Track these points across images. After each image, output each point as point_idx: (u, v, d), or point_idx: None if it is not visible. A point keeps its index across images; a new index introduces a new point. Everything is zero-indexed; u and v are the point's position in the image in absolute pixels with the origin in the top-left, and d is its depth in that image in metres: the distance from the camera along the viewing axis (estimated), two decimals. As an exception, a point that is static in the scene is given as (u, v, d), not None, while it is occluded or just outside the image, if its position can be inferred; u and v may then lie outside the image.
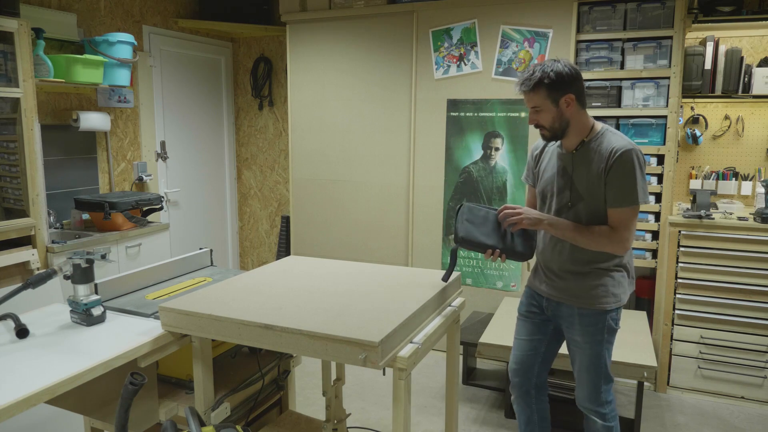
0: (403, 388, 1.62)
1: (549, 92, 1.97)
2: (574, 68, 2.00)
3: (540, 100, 2.00)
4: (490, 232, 2.08)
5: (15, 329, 1.72)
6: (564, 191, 2.09)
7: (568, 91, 1.98)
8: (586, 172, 2.03)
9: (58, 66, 3.22)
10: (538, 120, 2.05)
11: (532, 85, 1.98)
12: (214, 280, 2.33)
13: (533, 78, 1.97)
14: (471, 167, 3.72)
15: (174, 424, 1.40)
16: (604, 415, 2.18)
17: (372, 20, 3.87)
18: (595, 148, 2.02)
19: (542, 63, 2.00)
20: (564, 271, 2.12)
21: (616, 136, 2.03)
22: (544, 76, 1.96)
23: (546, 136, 2.09)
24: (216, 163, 4.95)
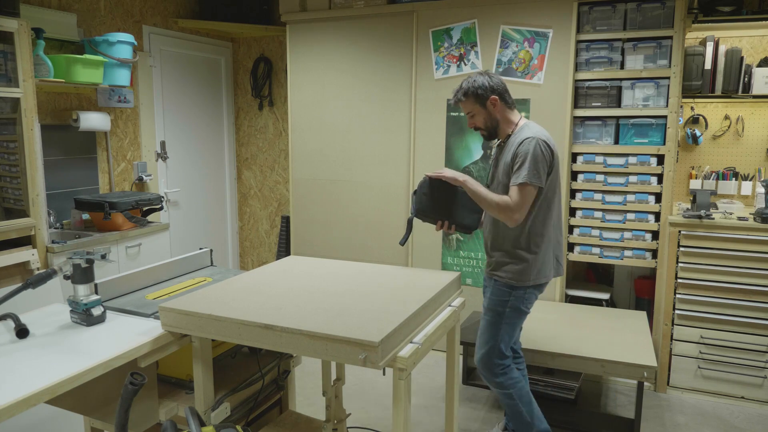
0: (403, 388, 1.63)
1: (476, 98, 2.41)
2: (494, 76, 2.45)
3: (471, 106, 2.44)
4: (443, 207, 2.39)
5: (15, 329, 1.72)
6: (493, 180, 2.51)
7: (491, 94, 2.41)
8: (503, 160, 2.41)
9: (58, 66, 3.22)
10: (475, 123, 2.48)
11: (462, 96, 2.44)
12: (214, 280, 2.33)
13: (462, 89, 2.44)
14: (471, 167, 3.72)
15: (174, 424, 1.40)
16: (499, 383, 2.50)
17: (372, 20, 3.87)
18: (513, 141, 2.40)
19: (468, 76, 2.47)
20: (492, 249, 2.51)
21: (529, 128, 2.40)
22: (469, 86, 2.42)
23: (484, 135, 2.51)
24: (216, 163, 4.95)
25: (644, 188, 3.36)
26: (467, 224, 2.43)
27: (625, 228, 3.42)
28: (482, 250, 3.74)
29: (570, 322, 3.20)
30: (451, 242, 3.83)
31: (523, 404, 2.52)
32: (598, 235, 3.48)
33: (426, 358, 3.43)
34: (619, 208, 3.43)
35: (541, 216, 2.40)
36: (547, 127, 3.46)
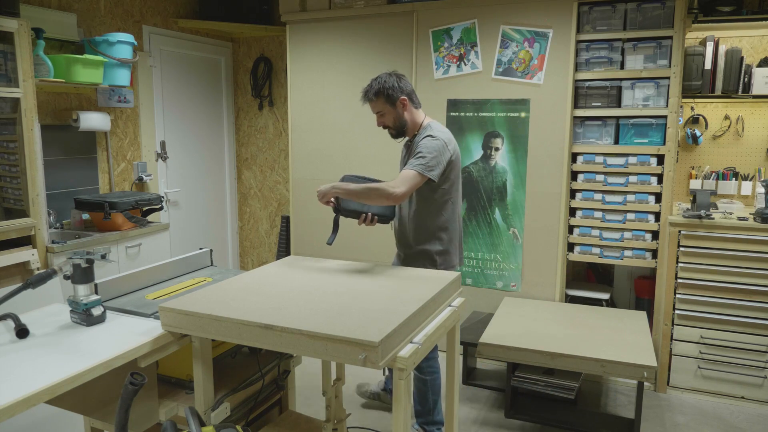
0: (403, 388, 1.62)
1: (387, 98, 2.50)
2: (402, 77, 2.55)
3: (381, 106, 2.53)
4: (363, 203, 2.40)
5: (15, 329, 1.71)
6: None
7: (400, 95, 2.52)
8: (408, 159, 2.52)
9: (58, 66, 3.22)
10: (384, 122, 2.58)
11: (373, 96, 2.52)
12: (214, 280, 2.33)
13: (373, 89, 2.51)
14: (471, 167, 3.72)
15: (174, 424, 1.40)
16: (420, 367, 2.63)
17: (372, 20, 3.87)
18: (417, 139, 2.54)
19: (377, 78, 2.53)
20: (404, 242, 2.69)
21: (432, 128, 2.55)
22: (380, 86, 2.50)
23: (393, 134, 2.62)
24: (216, 163, 4.95)
25: (644, 188, 3.36)
26: (383, 214, 2.46)
27: (625, 228, 3.42)
28: (482, 250, 3.74)
29: (570, 322, 3.20)
30: (451, 242, 3.83)
31: (433, 393, 2.73)
32: (598, 235, 3.48)
33: (426, 358, 3.42)
34: (619, 208, 3.43)
35: (449, 211, 2.63)
36: (547, 127, 3.49)
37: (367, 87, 2.55)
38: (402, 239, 2.73)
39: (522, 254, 3.65)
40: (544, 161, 3.52)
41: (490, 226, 3.71)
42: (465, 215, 3.76)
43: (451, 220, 2.66)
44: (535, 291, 3.64)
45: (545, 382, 3.00)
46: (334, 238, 2.41)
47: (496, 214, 3.68)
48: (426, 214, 2.62)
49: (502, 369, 3.56)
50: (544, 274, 3.60)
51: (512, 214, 3.64)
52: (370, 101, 2.55)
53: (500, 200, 3.66)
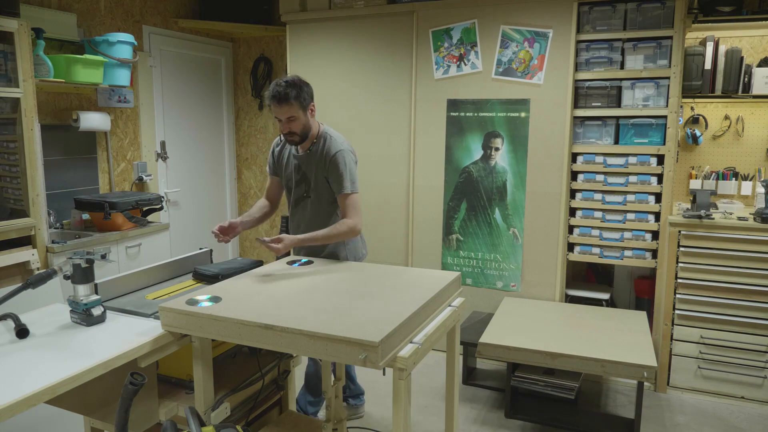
0: (403, 388, 1.62)
1: (300, 103, 2.41)
2: (306, 81, 2.47)
3: (295, 111, 2.42)
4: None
5: (15, 329, 1.71)
6: (300, 184, 2.61)
7: (310, 101, 2.47)
8: (315, 169, 2.54)
9: (58, 66, 3.22)
10: (291, 128, 2.46)
11: (292, 98, 2.38)
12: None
13: (290, 94, 2.38)
14: (471, 167, 3.72)
15: (174, 424, 1.40)
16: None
17: (372, 20, 3.87)
18: (319, 150, 2.53)
19: (286, 80, 2.40)
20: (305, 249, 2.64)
21: (333, 139, 2.54)
22: (300, 92, 2.40)
23: (296, 140, 2.51)
24: (216, 163, 4.95)
25: (644, 188, 3.36)
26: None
27: (625, 228, 3.42)
28: (482, 250, 3.74)
29: (570, 322, 3.20)
30: (451, 242, 3.83)
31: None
32: (598, 235, 3.48)
33: (426, 358, 3.42)
34: (619, 208, 3.43)
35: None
36: (547, 127, 3.49)
37: (281, 90, 2.38)
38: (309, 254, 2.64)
39: (522, 254, 3.65)
40: (544, 161, 3.52)
41: (490, 226, 3.71)
42: (465, 215, 3.76)
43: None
44: (535, 291, 3.64)
45: (545, 382, 3.00)
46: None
47: (496, 214, 3.68)
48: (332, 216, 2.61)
49: (502, 369, 3.56)
50: (544, 274, 3.60)
51: (512, 214, 3.64)
52: (285, 104, 2.39)
53: (500, 200, 3.66)
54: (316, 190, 2.58)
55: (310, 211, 2.63)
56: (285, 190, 2.73)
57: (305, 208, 2.64)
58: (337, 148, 2.51)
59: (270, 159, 2.75)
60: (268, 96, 2.43)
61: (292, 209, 2.70)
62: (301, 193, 2.63)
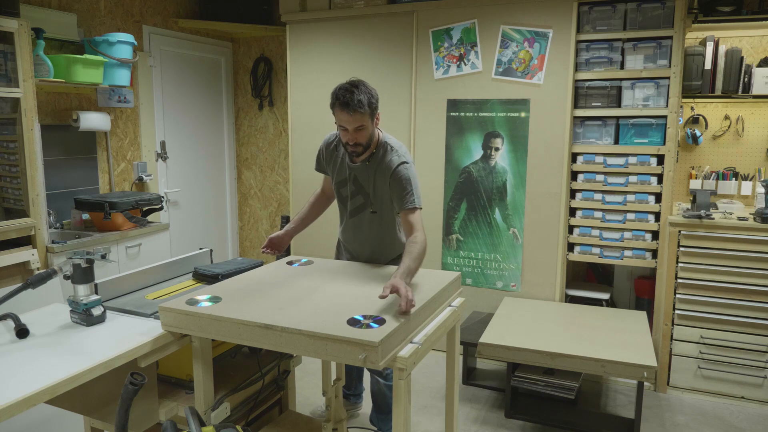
0: (403, 388, 1.63)
1: (371, 113, 2.23)
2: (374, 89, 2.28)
3: (365, 120, 2.22)
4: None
5: (15, 329, 1.71)
6: (357, 196, 2.43)
7: (377, 110, 2.28)
8: (374, 181, 2.36)
9: (58, 66, 3.22)
10: (358, 138, 2.25)
11: (366, 107, 2.18)
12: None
13: (363, 101, 2.17)
14: (471, 167, 3.72)
15: (174, 424, 1.40)
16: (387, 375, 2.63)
17: (372, 20, 3.87)
18: (380, 160, 2.34)
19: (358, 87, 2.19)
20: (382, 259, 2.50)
21: (395, 150, 2.35)
22: (371, 98, 2.21)
23: (359, 152, 2.31)
24: (216, 163, 4.95)
25: (644, 188, 3.36)
26: None
27: (625, 228, 3.42)
28: (482, 250, 3.74)
29: (570, 322, 3.20)
30: (451, 242, 3.83)
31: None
32: (598, 235, 3.48)
33: (426, 358, 3.42)
34: (619, 208, 3.43)
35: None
36: (547, 127, 3.49)
37: (355, 97, 2.17)
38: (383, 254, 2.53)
39: (522, 254, 3.65)
40: (544, 161, 3.52)
41: (490, 226, 3.71)
42: (465, 215, 3.76)
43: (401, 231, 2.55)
44: (535, 291, 3.64)
45: (545, 382, 3.00)
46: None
47: (496, 214, 3.68)
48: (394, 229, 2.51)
49: (502, 369, 3.56)
50: (544, 274, 3.60)
51: (512, 214, 3.64)
52: (356, 113, 2.18)
53: (500, 200, 3.66)
54: (378, 204, 2.42)
55: (371, 226, 2.47)
56: (336, 195, 2.58)
57: (365, 221, 2.47)
58: (400, 159, 2.33)
59: (318, 156, 2.60)
60: (338, 101, 2.19)
61: (348, 220, 2.53)
62: (357, 205, 2.47)
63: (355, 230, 2.52)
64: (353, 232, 2.54)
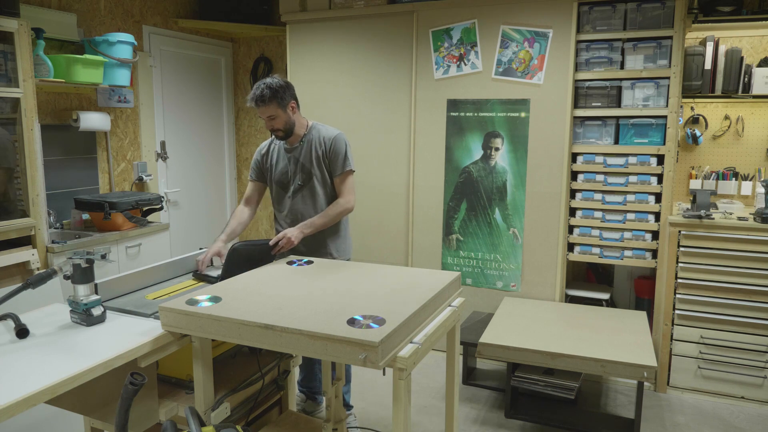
0: (403, 388, 1.62)
1: (278, 103, 2.59)
2: (286, 81, 2.66)
3: (273, 110, 2.60)
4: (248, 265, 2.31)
5: (15, 329, 1.71)
6: (297, 175, 2.76)
7: (290, 99, 2.65)
8: (311, 156, 2.72)
9: (58, 66, 3.22)
10: (274, 125, 2.65)
11: (267, 100, 2.57)
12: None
13: (265, 95, 2.56)
14: (471, 167, 3.72)
15: (174, 424, 1.40)
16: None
17: (372, 20, 3.87)
18: (312, 138, 2.74)
19: (264, 81, 2.59)
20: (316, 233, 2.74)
21: (326, 128, 2.79)
22: (274, 90, 2.57)
23: (281, 135, 2.70)
24: (216, 163, 4.95)
25: (644, 188, 3.36)
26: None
27: (625, 228, 3.42)
28: (482, 250, 3.75)
29: (570, 322, 3.20)
30: (451, 242, 3.84)
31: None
32: (598, 235, 3.48)
33: (426, 358, 3.43)
34: (619, 208, 3.43)
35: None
36: (547, 127, 3.49)
37: (258, 92, 2.58)
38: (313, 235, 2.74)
39: (522, 254, 3.65)
40: (544, 161, 3.52)
41: (490, 226, 3.71)
42: (465, 215, 3.76)
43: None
44: (535, 291, 3.64)
45: (545, 382, 3.00)
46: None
47: (496, 214, 3.68)
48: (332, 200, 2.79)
49: (502, 369, 3.56)
50: (544, 274, 3.60)
51: (512, 214, 3.64)
52: (262, 105, 2.58)
53: (500, 200, 3.66)
54: (317, 176, 2.74)
55: (311, 198, 2.76)
56: (276, 187, 2.84)
57: (308, 195, 2.76)
58: (335, 132, 2.75)
59: (255, 164, 2.89)
60: (249, 98, 2.61)
61: (290, 202, 2.80)
62: (301, 182, 2.76)
63: (297, 208, 2.79)
64: (295, 212, 2.79)
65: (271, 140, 2.87)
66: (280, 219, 2.89)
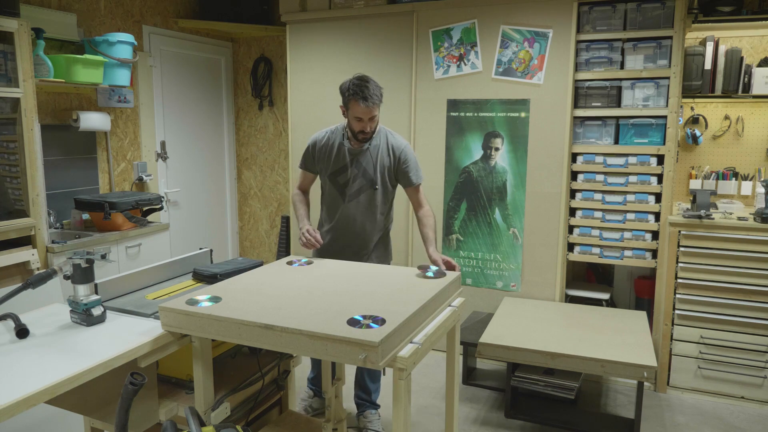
0: (403, 388, 1.62)
1: (380, 104, 2.58)
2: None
3: (377, 111, 2.58)
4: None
5: (15, 329, 1.71)
6: (359, 178, 2.68)
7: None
8: (378, 163, 2.67)
9: (58, 66, 3.22)
10: (370, 127, 2.60)
11: (379, 102, 2.56)
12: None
13: (378, 95, 2.54)
14: (471, 167, 3.72)
15: (174, 424, 1.40)
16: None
17: (372, 20, 3.87)
18: (379, 144, 2.68)
19: (369, 81, 2.54)
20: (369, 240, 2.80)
21: (392, 134, 2.74)
22: (381, 91, 2.57)
23: (367, 138, 2.64)
24: (216, 163, 4.95)
25: (644, 188, 3.36)
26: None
27: (625, 228, 3.42)
28: (482, 250, 3.74)
29: (570, 322, 3.20)
30: (451, 242, 3.83)
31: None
32: (598, 235, 3.48)
33: (426, 358, 3.42)
34: (619, 208, 3.43)
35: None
36: (547, 127, 3.49)
37: (377, 93, 2.53)
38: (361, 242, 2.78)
39: (522, 254, 3.65)
40: (544, 161, 3.52)
41: (490, 226, 3.71)
42: (465, 215, 3.76)
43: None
44: (535, 291, 3.64)
45: (545, 382, 3.00)
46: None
47: (496, 214, 3.68)
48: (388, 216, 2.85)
49: (502, 369, 3.56)
50: (544, 274, 3.60)
51: (512, 214, 3.64)
52: (374, 106, 2.53)
53: (500, 200, 3.66)
54: (378, 184, 2.70)
55: (368, 205, 2.72)
56: (330, 185, 2.77)
57: (365, 200, 2.71)
58: (404, 142, 2.73)
59: (307, 155, 2.80)
60: (358, 96, 2.49)
61: (344, 205, 2.73)
62: (360, 186, 2.70)
63: (351, 211, 2.73)
64: (348, 213, 2.73)
65: (328, 132, 2.76)
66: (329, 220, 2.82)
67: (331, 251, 2.78)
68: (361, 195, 2.71)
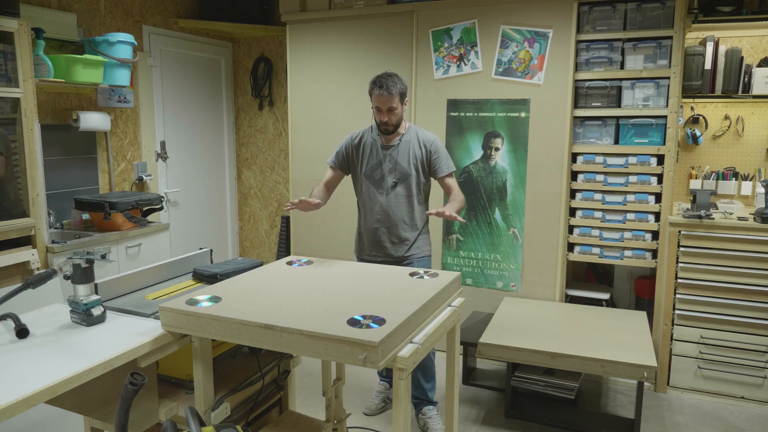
0: (403, 388, 1.62)
1: (400, 98, 2.74)
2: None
3: (396, 102, 2.72)
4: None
5: (15, 329, 1.71)
6: (393, 173, 2.83)
7: (406, 98, 2.79)
8: (410, 155, 2.81)
9: (58, 66, 3.22)
10: (389, 118, 2.75)
11: (396, 91, 2.70)
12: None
13: (396, 86, 2.70)
14: (471, 167, 3.72)
15: (174, 424, 1.40)
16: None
17: (372, 20, 3.87)
18: (410, 139, 2.83)
19: (392, 76, 2.72)
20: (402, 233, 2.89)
21: (421, 129, 2.89)
22: (402, 86, 2.73)
23: (389, 130, 2.80)
24: (216, 163, 4.95)
25: (644, 188, 3.36)
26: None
27: (625, 228, 3.42)
28: (482, 250, 3.75)
29: (570, 322, 3.20)
30: (451, 242, 3.83)
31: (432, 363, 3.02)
32: (598, 235, 3.48)
33: (426, 358, 3.42)
34: (619, 208, 3.43)
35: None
36: (547, 127, 3.49)
37: (387, 81, 2.67)
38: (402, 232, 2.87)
39: (522, 254, 3.65)
40: (544, 161, 3.52)
41: (490, 226, 3.71)
42: (465, 215, 3.76)
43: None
44: (535, 291, 3.64)
45: (545, 382, 3.00)
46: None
47: (496, 214, 3.68)
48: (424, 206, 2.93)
49: (502, 369, 3.56)
50: (544, 274, 3.60)
51: (512, 214, 3.64)
52: (390, 95, 2.67)
53: (500, 200, 3.66)
54: (413, 176, 2.83)
55: (406, 198, 2.84)
56: (367, 182, 2.88)
57: (399, 195, 2.84)
58: (434, 136, 2.88)
59: (341, 153, 2.92)
60: (375, 85, 2.69)
61: (383, 200, 2.85)
62: (397, 179, 2.83)
63: (391, 205, 2.85)
64: (389, 208, 2.85)
65: (363, 132, 2.91)
66: (368, 216, 2.91)
67: (374, 243, 2.90)
68: (397, 187, 2.83)
